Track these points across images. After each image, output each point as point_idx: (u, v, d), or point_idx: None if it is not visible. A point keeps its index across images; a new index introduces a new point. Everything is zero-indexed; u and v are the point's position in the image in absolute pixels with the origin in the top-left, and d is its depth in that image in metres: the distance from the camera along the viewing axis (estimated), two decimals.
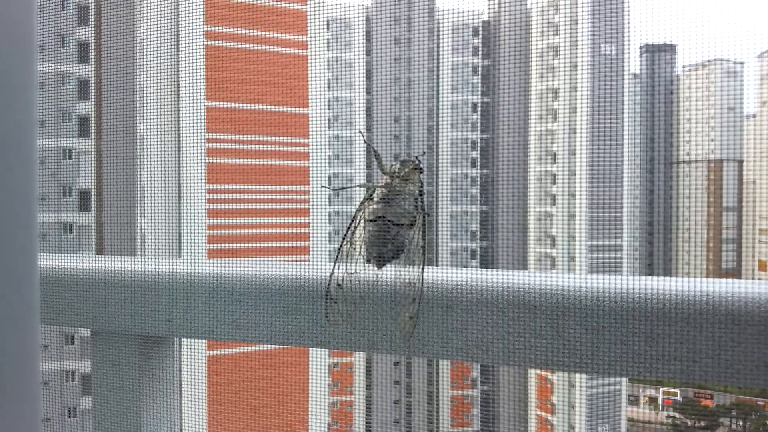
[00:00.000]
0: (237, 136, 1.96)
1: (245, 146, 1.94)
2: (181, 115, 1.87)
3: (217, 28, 1.90)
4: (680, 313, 0.64)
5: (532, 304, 0.68)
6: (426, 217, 0.72)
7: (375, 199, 0.72)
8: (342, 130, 1.89)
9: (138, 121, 1.96)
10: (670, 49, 1.93)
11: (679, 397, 2.11)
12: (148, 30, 1.67)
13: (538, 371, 1.95)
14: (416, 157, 0.72)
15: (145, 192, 1.86)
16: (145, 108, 1.93)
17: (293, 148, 1.81)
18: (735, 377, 0.63)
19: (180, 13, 1.62)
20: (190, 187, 1.79)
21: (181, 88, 1.80)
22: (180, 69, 1.76)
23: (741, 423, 1.83)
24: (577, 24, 1.76)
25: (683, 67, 1.83)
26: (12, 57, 0.33)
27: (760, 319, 0.61)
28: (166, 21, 1.62)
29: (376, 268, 0.70)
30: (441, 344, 0.71)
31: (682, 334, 0.65)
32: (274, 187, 1.68)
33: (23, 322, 0.33)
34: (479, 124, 2.05)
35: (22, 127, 0.34)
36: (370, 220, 0.70)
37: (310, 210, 1.69)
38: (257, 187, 1.75)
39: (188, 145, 1.80)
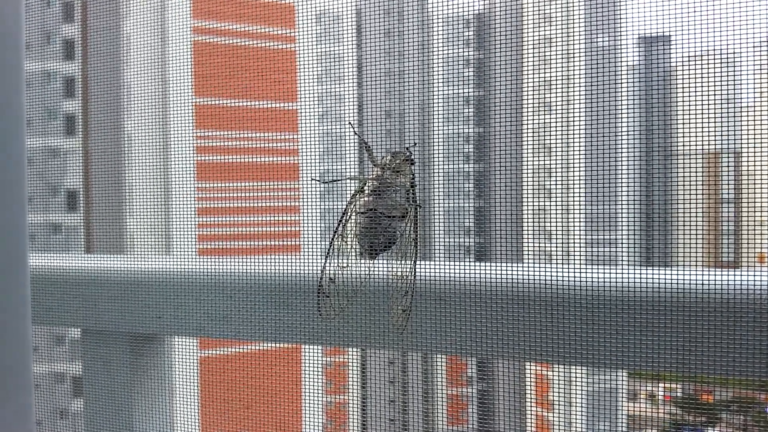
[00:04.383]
0: (227, 133, 1.93)
1: (235, 143, 1.91)
2: (169, 112, 1.84)
3: (205, 23, 1.88)
4: (676, 304, 0.62)
5: (526, 296, 0.66)
6: (418, 209, 0.70)
7: (366, 192, 0.69)
8: (332, 125, 1.87)
9: (125, 119, 1.93)
10: (666, 40, 1.91)
11: (679, 393, 2.09)
12: (135, 26, 1.64)
13: (536, 368, 1.93)
14: (407, 149, 0.70)
15: (134, 190, 1.83)
16: (132, 105, 1.90)
17: (282, 144, 1.79)
18: (731, 366, 0.61)
19: (167, 8, 1.59)
20: (180, 185, 1.76)
21: (169, 85, 1.77)
22: (168, 65, 1.73)
23: (742, 417, 1.81)
24: (571, 15, 1.74)
25: (680, 58, 1.80)
26: (0, 56, 0.30)
27: (755, 308, 0.59)
28: (153, 16, 1.59)
29: (368, 259, 0.68)
30: (435, 338, 0.68)
31: (677, 324, 0.63)
32: (264, 184, 1.66)
33: (15, 324, 0.31)
34: (473, 118, 2.03)
35: (11, 128, 0.31)
36: (362, 213, 0.68)
37: (301, 207, 1.66)
38: (248, 184, 1.73)
39: (177, 143, 1.78)
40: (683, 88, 1.40)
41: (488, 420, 1.48)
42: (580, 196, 1.78)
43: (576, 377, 1.73)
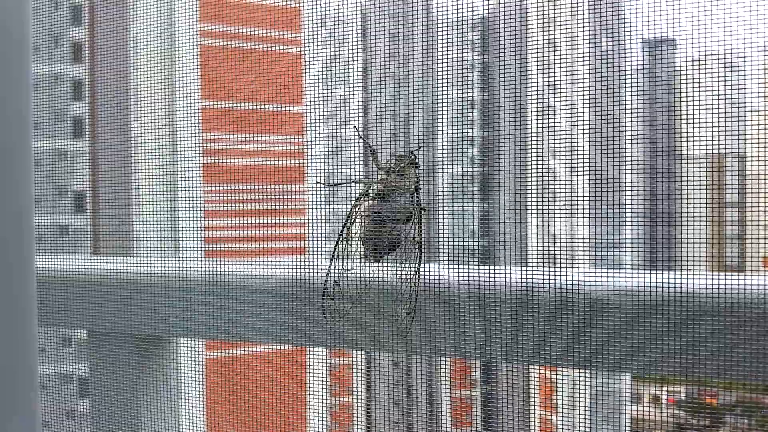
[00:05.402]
0: (233, 136, 1.94)
1: (242, 146, 1.92)
2: (176, 115, 1.85)
3: (212, 26, 1.89)
4: (680, 307, 0.62)
5: (530, 299, 0.66)
6: (422, 212, 0.70)
7: (371, 195, 0.70)
8: (338, 128, 1.87)
9: (133, 122, 1.94)
10: (670, 43, 1.91)
11: (683, 396, 2.09)
12: (143, 29, 1.65)
13: (540, 371, 1.93)
14: (411, 152, 0.70)
15: (141, 193, 1.84)
16: (140, 108, 1.91)
17: (288, 147, 1.80)
18: (735, 370, 0.61)
19: (174, 11, 1.60)
20: (187, 187, 1.76)
21: (176, 88, 1.78)
22: (175, 68, 1.74)
23: (746, 420, 1.81)
24: (575, 18, 1.74)
25: (684, 61, 1.80)
26: (7, 59, 0.31)
27: (759, 312, 0.59)
28: (160, 19, 1.60)
29: (372, 262, 0.69)
30: (439, 341, 0.69)
31: (682, 328, 0.63)
32: (270, 186, 1.66)
33: (21, 325, 0.32)
34: (477, 121, 2.03)
35: (18, 130, 0.32)
36: (366, 216, 0.68)
37: (306, 210, 1.67)
38: (254, 186, 1.74)
39: (184, 145, 1.79)
40: (688, 91, 1.40)
41: (492, 422, 1.48)
42: (584, 199, 1.78)
43: (580, 380, 1.73)
